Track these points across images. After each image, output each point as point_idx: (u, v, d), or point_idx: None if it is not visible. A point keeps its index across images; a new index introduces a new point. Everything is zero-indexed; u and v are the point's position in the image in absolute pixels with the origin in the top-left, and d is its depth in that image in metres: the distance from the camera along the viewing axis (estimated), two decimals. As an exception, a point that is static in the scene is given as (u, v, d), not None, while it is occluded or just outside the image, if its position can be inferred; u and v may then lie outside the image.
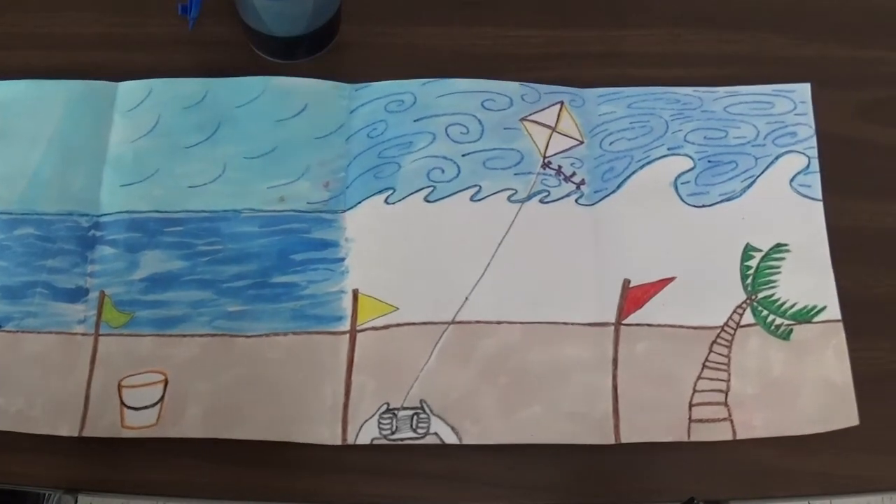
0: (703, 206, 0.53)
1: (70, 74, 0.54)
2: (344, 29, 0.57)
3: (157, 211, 0.51)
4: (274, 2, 0.51)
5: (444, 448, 0.48)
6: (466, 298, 0.50)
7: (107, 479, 0.48)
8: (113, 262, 0.50)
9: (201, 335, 0.49)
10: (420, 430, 0.48)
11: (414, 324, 0.49)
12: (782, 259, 0.52)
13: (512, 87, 0.55)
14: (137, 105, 0.53)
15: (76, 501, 0.54)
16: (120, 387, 0.48)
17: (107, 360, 0.49)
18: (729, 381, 0.49)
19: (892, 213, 0.54)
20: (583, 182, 0.53)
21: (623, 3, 0.59)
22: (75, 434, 0.47)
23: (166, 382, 0.48)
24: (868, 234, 0.53)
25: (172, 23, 0.57)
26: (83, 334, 0.49)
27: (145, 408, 0.48)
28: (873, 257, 0.53)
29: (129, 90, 0.54)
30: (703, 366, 0.50)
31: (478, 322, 0.50)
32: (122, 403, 0.48)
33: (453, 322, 0.49)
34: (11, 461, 0.48)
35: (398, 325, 0.49)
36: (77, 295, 0.50)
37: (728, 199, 0.53)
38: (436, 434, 0.48)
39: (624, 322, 0.50)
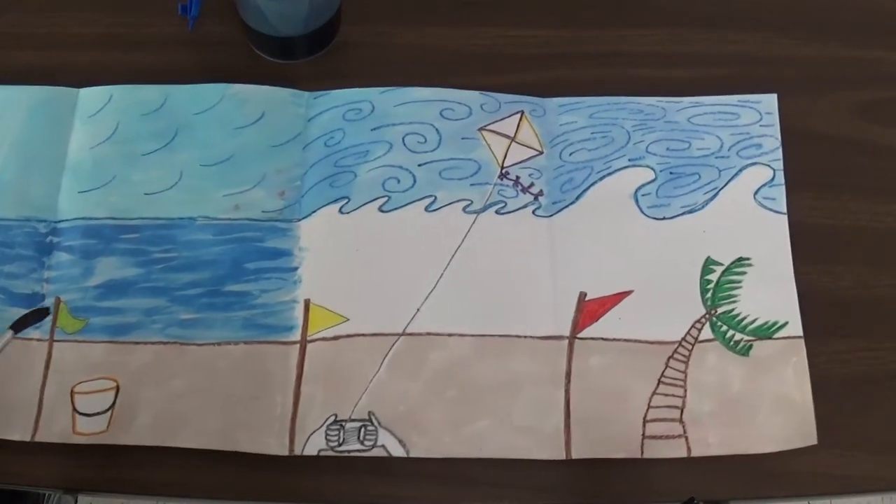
0: (664, 218, 0.52)
1: (70, 74, 0.55)
2: (344, 29, 0.57)
3: (113, 218, 0.51)
4: (274, 1, 0.51)
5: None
6: (418, 310, 0.49)
7: (107, 479, 0.48)
8: (69, 268, 0.51)
9: (154, 343, 0.49)
10: (367, 443, 0.47)
11: (364, 335, 0.49)
12: (744, 273, 0.51)
13: (471, 97, 0.54)
14: (98, 111, 0.54)
15: (76, 501, 0.54)
16: (72, 393, 0.48)
17: (61, 365, 0.49)
18: (685, 397, 0.49)
19: (892, 213, 0.53)
20: (541, 193, 0.52)
21: (623, 3, 0.58)
22: (27, 439, 0.47)
23: (118, 389, 0.48)
24: (868, 234, 0.53)
25: (172, 23, 0.57)
26: (38, 340, 0.49)
27: (96, 414, 0.48)
28: (873, 257, 0.52)
29: (90, 96, 0.54)
30: (659, 381, 0.49)
31: (428, 334, 0.49)
32: (74, 409, 0.48)
33: (404, 334, 0.49)
34: (11, 461, 0.48)
35: (348, 335, 0.49)
36: (33, 300, 0.50)
37: (690, 212, 0.52)
38: (383, 447, 0.47)
39: (578, 336, 0.49)
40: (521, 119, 0.54)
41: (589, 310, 0.50)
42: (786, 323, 0.50)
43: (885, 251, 0.52)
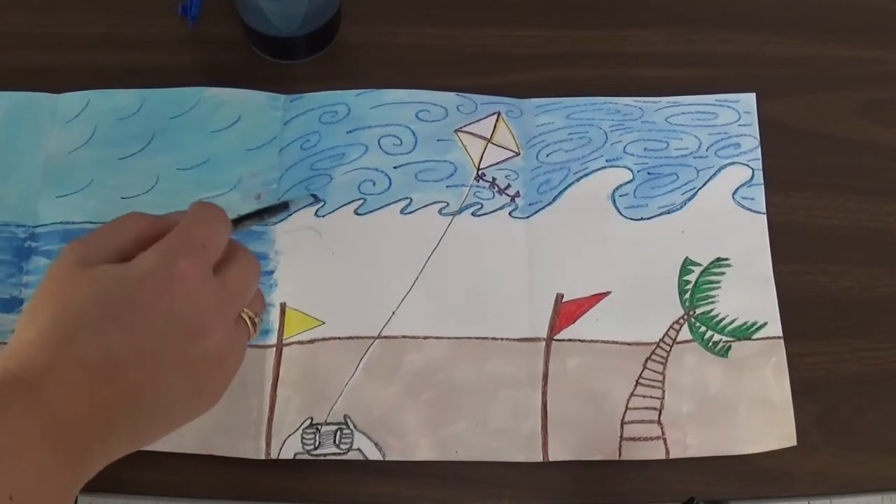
0: (642, 219, 0.52)
1: (69, 74, 0.55)
2: (344, 29, 0.57)
3: (91, 222, 0.51)
4: (274, 1, 0.51)
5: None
6: (393, 313, 0.49)
7: (107, 479, 0.47)
8: (47, 272, 0.51)
9: (131, 347, 0.49)
10: (343, 446, 0.47)
11: (339, 338, 0.49)
12: (722, 274, 0.51)
13: (447, 98, 0.54)
14: (75, 116, 0.54)
15: (76, 501, 0.54)
16: (51, 397, 0.48)
17: None
18: (663, 398, 0.48)
19: (891, 214, 0.53)
20: (517, 194, 0.52)
21: (623, 2, 0.58)
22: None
23: (95, 394, 0.48)
24: (868, 234, 0.52)
25: (172, 23, 0.57)
26: (17, 344, 0.49)
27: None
28: (873, 257, 0.52)
29: (68, 101, 0.54)
30: (637, 383, 0.49)
31: (404, 337, 0.49)
32: (53, 414, 0.48)
33: (379, 336, 0.49)
34: None
35: (324, 339, 0.49)
36: (11, 305, 0.50)
37: (668, 212, 0.52)
38: (359, 450, 0.47)
39: (555, 337, 0.49)
40: (497, 120, 0.54)
41: (566, 311, 0.50)
42: (765, 323, 0.50)
43: (884, 251, 0.52)
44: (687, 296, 0.50)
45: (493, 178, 0.52)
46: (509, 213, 0.52)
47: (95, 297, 0.32)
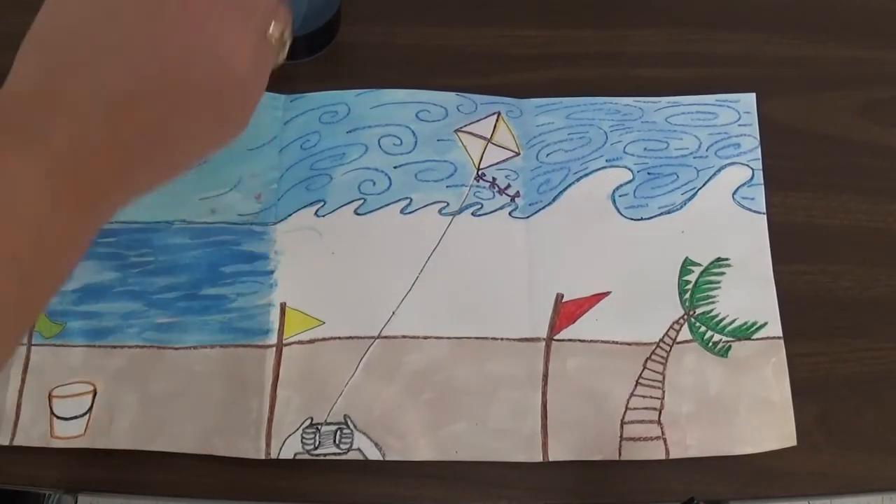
0: (642, 219, 0.52)
1: None
2: (344, 29, 0.57)
3: (91, 222, 0.51)
4: None
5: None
6: (393, 313, 0.49)
7: (107, 479, 0.48)
8: (47, 272, 0.51)
9: (130, 346, 0.49)
10: (343, 446, 0.47)
11: (339, 338, 0.49)
12: (722, 274, 0.51)
13: (447, 98, 0.54)
14: (75, 116, 0.54)
15: (76, 501, 0.54)
16: (50, 397, 0.48)
17: (39, 370, 0.49)
18: (663, 398, 0.48)
19: (891, 214, 0.53)
20: (517, 194, 0.52)
21: (623, 3, 0.58)
22: (6, 443, 0.48)
23: (95, 393, 0.49)
24: (868, 234, 0.52)
25: None
26: (16, 344, 0.49)
27: (74, 418, 0.48)
28: (873, 257, 0.52)
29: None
30: (637, 383, 0.49)
31: (404, 337, 0.49)
32: (52, 413, 0.48)
33: (379, 336, 0.49)
34: (11, 461, 0.48)
35: (324, 339, 0.49)
36: (12, 305, 0.50)
37: (668, 212, 0.52)
38: (359, 450, 0.47)
39: (555, 337, 0.49)
40: (497, 120, 0.54)
41: (566, 311, 0.50)
42: (765, 323, 0.50)
43: (884, 251, 0.52)
44: (687, 296, 0.50)
45: (493, 178, 0.52)
46: (509, 213, 0.52)
47: (112, 17, 0.28)
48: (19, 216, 0.25)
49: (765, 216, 0.52)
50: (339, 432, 0.47)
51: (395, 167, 0.52)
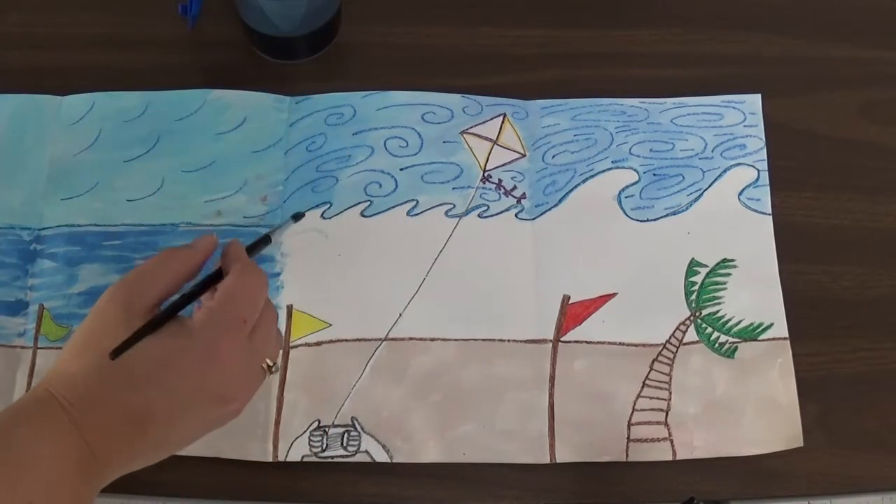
0: (648, 220, 0.52)
1: (70, 74, 0.55)
2: (344, 29, 0.57)
3: (96, 225, 0.51)
4: (274, 1, 0.51)
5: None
6: (400, 315, 0.49)
7: (115, 480, 0.48)
8: (52, 275, 0.50)
9: (137, 349, 0.49)
10: (350, 448, 0.47)
11: (346, 340, 0.49)
12: (728, 275, 0.51)
13: (453, 100, 0.54)
14: (80, 119, 0.54)
15: None
16: (56, 400, 0.49)
17: (44, 372, 0.49)
18: (670, 399, 0.48)
19: (892, 213, 0.53)
20: (523, 196, 0.52)
21: (623, 3, 0.58)
22: (11, 446, 0.48)
23: (101, 397, 0.48)
24: (867, 234, 0.53)
25: (172, 23, 0.57)
26: (22, 347, 0.49)
27: (80, 422, 0.48)
28: (873, 257, 0.52)
29: (73, 104, 0.54)
30: (644, 384, 0.49)
31: (411, 339, 0.49)
32: (58, 417, 0.48)
33: (386, 339, 0.49)
34: None
35: (331, 341, 0.49)
36: (17, 308, 0.50)
37: (673, 214, 0.52)
38: (366, 452, 0.47)
39: (562, 339, 0.49)
40: (503, 122, 0.54)
41: (572, 313, 0.50)
42: (771, 324, 0.50)
43: (884, 251, 0.52)
44: (693, 297, 0.50)
45: (500, 180, 0.52)
46: (515, 215, 0.52)
47: (140, 356, 0.36)
48: (43, 475, 0.34)
49: (770, 217, 0.52)
50: (346, 434, 0.47)
51: (401, 169, 0.52)
